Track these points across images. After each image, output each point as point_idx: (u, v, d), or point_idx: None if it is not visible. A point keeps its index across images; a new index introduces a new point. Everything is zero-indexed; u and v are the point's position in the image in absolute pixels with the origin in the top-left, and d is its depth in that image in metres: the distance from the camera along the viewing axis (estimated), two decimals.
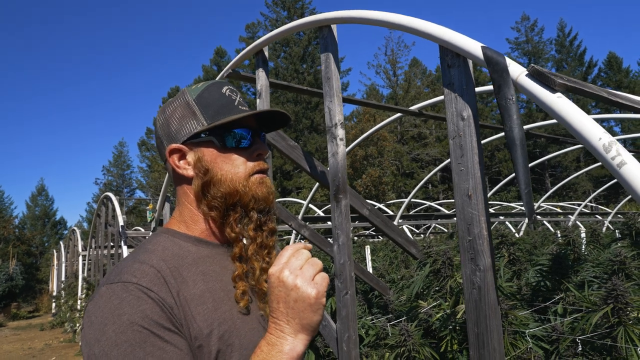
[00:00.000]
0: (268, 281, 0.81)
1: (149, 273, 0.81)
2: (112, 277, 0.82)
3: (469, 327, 1.53)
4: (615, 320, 1.52)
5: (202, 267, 0.89)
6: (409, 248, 3.32)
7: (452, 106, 1.62)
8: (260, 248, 0.92)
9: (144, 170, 44.16)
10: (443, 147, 37.47)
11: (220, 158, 0.91)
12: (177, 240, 0.91)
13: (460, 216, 1.57)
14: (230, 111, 0.92)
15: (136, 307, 0.76)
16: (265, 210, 0.93)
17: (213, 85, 0.95)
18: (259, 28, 41.46)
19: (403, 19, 1.80)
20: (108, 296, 0.78)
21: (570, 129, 1.21)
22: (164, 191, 4.83)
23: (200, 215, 0.93)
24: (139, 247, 0.92)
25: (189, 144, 0.92)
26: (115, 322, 0.74)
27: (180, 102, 0.94)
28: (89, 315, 0.78)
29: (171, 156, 0.93)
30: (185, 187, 0.94)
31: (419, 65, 42.89)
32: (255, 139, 0.95)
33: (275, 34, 2.78)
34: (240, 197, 0.90)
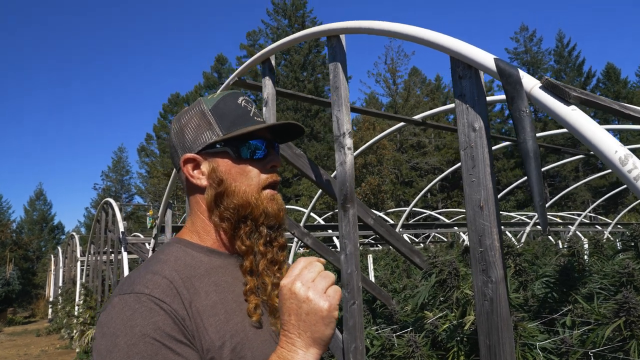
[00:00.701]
0: (279, 293, 0.81)
1: (162, 284, 0.81)
2: (124, 287, 0.81)
3: (481, 339, 1.52)
4: (628, 334, 1.52)
5: (215, 277, 0.88)
6: (413, 258, 3.31)
7: (463, 117, 1.63)
8: (270, 264, 0.91)
9: (143, 176, 44.15)
10: (442, 156, 37.54)
11: (235, 169, 0.91)
12: (190, 250, 0.91)
13: (471, 227, 1.57)
14: (246, 122, 0.92)
15: (148, 318, 0.75)
16: (275, 226, 0.93)
17: (229, 95, 0.95)
18: (259, 36, 41.67)
19: (414, 30, 1.81)
20: (120, 307, 0.77)
21: (586, 142, 1.21)
22: (166, 198, 4.82)
23: (211, 226, 0.93)
24: (152, 257, 0.92)
25: (203, 154, 0.92)
26: (128, 334, 0.74)
27: (196, 111, 0.94)
28: (102, 326, 0.77)
29: (185, 165, 0.93)
30: (198, 196, 0.94)
31: (419, 75, 43.10)
32: (269, 150, 0.95)
33: (283, 42, 2.79)
34: (251, 209, 0.90)
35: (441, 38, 1.69)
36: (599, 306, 1.95)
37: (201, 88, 44.55)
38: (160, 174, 38.41)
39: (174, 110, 45.02)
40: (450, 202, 37.15)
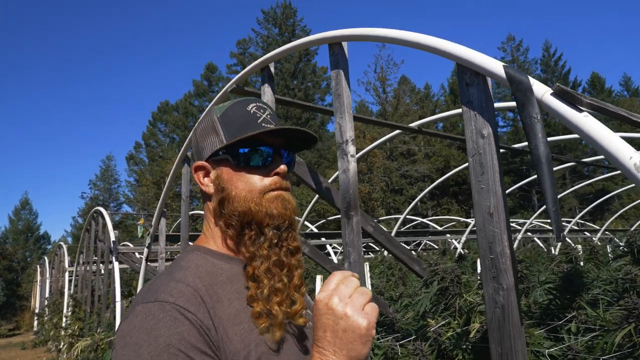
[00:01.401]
0: (314, 307, 0.78)
1: (186, 292, 0.79)
2: (148, 295, 0.79)
3: (492, 347, 1.51)
4: (638, 340, 1.52)
5: (236, 285, 0.87)
6: (413, 266, 3.30)
7: (471, 124, 1.63)
8: (275, 266, 0.88)
9: (131, 185, 43.70)
10: (432, 164, 37.80)
11: (236, 176, 0.91)
12: (209, 257, 0.89)
13: (481, 234, 1.56)
14: (252, 129, 0.91)
15: (173, 328, 0.73)
16: (283, 226, 0.90)
17: (239, 102, 0.95)
18: (250, 44, 41.77)
19: (419, 37, 1.82)
20: (144, 316, 0.75)
21: (600, 149, 1.22)
22: (160, 206, 4.76)
23: (220, 232, 0.93)
24: (172, 264, 0.90)
25: (211, 161, 0.94)
26: (151, 344, 0.72)
27: (207, 120, 0.96)
28: (123, 336, 0.75)
29: (196, 173, 0.95)
30: (210, 203, 0.95)
31: (408, 83, 43.48)
32: (275, 157, 0.93)
33: (284, 50, 2.79)
34: (253, 215, 0.88)
35: (448, 45, 1.70)
36: (604, 312, 1.95)
37: (191, 96, 44.43)
38: (149, 183, 38.07)
39: (163, 118, 44.78)
40: (440, 209, 37.35)
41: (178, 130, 44.24)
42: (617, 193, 11.85)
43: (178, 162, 4.31)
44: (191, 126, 44.51)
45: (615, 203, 29.53)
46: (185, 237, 4.18)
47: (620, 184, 29.48)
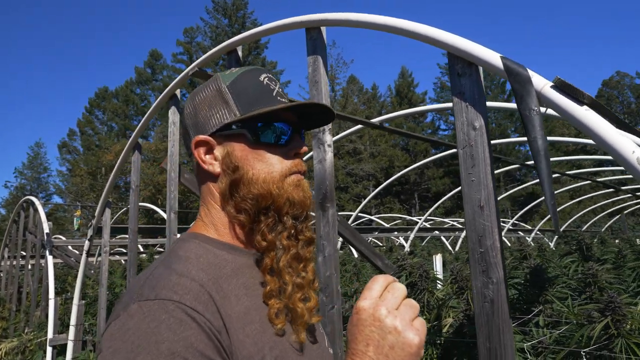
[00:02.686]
0: (355, 317, 0.68)
1: (192, 289, 0.66)
2: (145, 291, 0.66)
3: (480, 341, 1.48)
4: (614, 332, 1.56)
5: (242, 279, 0.75)
6: (376, 261, 3.28)
7: (462, 115, 1.60)
8: (294, 260, 0.78)
9: (63, 175, 40.96)
10: (376, 163, 38.66)
11: (252, 154, 0.79)
12: (209, 247, 0.77)
13: (470, 228, 1.54)
14: (268, 102, 0.81)
15: (179, 333, 0.61)
16: (301, 216, 0.81)
17: (250, 71, 0.83)
18: (197, 33, 40.53)
19: (410, 25, 1.76)
20: (141, 317, 0.62)
21: (602, 143, 1.22)
22: (105, 196, 4.43)
23: (227, 217, 0.80)
24: (168, 254, 0.76)
25: (217, 136, 0.80)
26: (152, 352, 0.59)
27: (212, 88, 0.82)
28: (113, 339, 0.61)
29: (197, 149, 0.81)
30: (211, 184, 0.82)
31: (356, 83, 44.17)
32: (294, 135, 0.83)
33: (255, 33, 2.64)
34: (273, 200, 0.78)
35: (441, 34, 1.65)
36: (572, 306, 2.02)
37: (132, 83, 42.37)
38: (84, 173, 35.87)
39: (101, 105, 42.34)
40: (383, 208, 38.31)
41: (117, 119, 42.02)
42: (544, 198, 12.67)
43: (127, 149, 4.02)
44: (132, 114, 42.48)
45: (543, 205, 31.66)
46: (134, 230, 3.90)
47: None
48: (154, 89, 42.01)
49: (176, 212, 3.33)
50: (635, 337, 1.56)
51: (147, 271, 0.72)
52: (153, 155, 32.94)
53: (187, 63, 40.25)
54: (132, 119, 42.31)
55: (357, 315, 0.68)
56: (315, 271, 0.84)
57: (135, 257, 3.91)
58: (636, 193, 11.61)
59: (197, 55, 40.07)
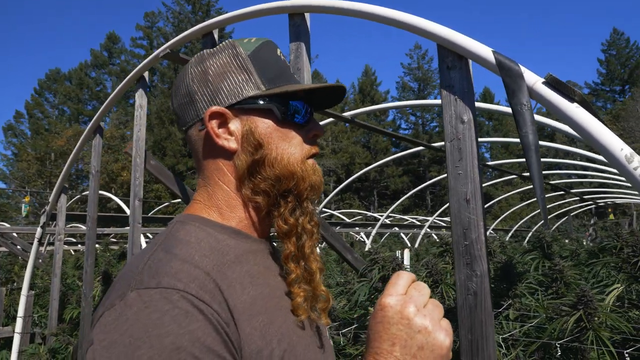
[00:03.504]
0: (379, 314, 0.63)
1: (197, 276, 0.60)
2: (144, 278, 0.59)
3: (462, 334, 1.50)
4: (585, 325, 1.62)
5: (247, 266, 0.69)
6: (346, 255, 3.27)
7: (450, 108, 1.60)
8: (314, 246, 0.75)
9: (8, 159, 38.58)
10: (338, 159, 38.93)
11: (277, 133, 0.74)
12: (211, 230, 0.70)
13: (456, 220, 1.54)
14: (290, 78, 0.77)
15: (184, 326, 0.55)
16: (315, 201, 0.78)
17: (267, 44, 0.77)
18: (159, 18, 39.24)
19: (400, 15, 1.75)
20: (141, 306, 0.55)
21: (591, 140, 1.25)
22: (61, 181, 4.19)
23: (239, 200, 0.74)
24: (166, 237, 0.68)
25: (236, 109, 0.73)
26: (154, 346, 0.53)
27: (229, 54, 0.74)
28: (107, 332, 0.55)
29: (210, 121, 0.72)
30: (222, 162, 0.74)
31: (320, 79, 44.22)
32: (311, 116, 0.79)
33: (233, 16, 2.55)
34: (296, 182, 0.73)
35: (432, 26, 1.65)
36: (542, 300, 2.08)
37: (87, 66, 40.46)
38: (31, 158, 33.95)
39: (52, 88, 40.15)
40: (343, 204, 38.66)
41: (70, 102, 40.02)
42: (498, 199, 13.27)
43: (89, 132, 3.81)
44: (86, 99, 40.57)
45: (496, 207, 32.97)
46: (94, 217, 3.71)
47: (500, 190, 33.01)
48: (110, 73, 40.29)
49: (141, 199, 3.18)
50: (604, 329, 1.63)
51: (144, 255, 0.65)
52: (108, 142, 31.64)
53: (146, 48, 38.88)
54: (86, 104, 40.44)
55: (382, 312, 0.63)
56: None
57: (94, 246, 3.72)
58: (582, 196, 12.29)
59: (158, 41, 38.78)
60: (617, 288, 1.92)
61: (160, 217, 11.00)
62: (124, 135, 33.89)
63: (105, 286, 4.98)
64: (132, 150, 3.20)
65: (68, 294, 5.03)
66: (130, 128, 32.48)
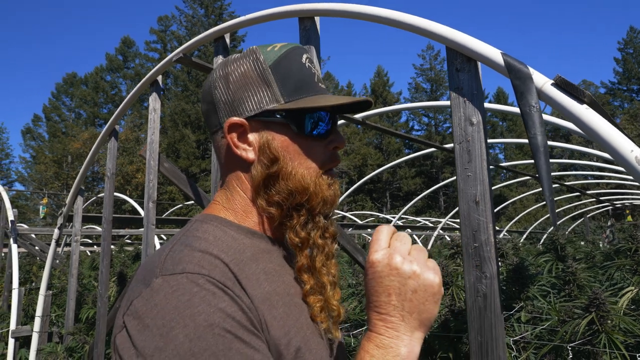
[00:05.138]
0: (370, 271, 0.68)
1: (218, 265, 0.64)
2: (168, 266, 0.62)
3: (472, 335, 1.50)
4: (597, 328, 1.61)
5: (263, 264, 0.72)
6: (357, 256, 3.28)
7: (459, 111, 1.60)
8: (327, 259, 0.76)
9: (27, 162, 39.34)
10: (350, 161, 38.86)
11: (293, 147, 0.74)
12: (228, 230, 0.73)
13: (465, 222, 1.54)
14: (312, 89, 0.75)
15: (213, 304, 0.58)
16: (329, 215, 0.79)
17: (293, 50, 0.76)
18: (172, 22, 39.66)
19: (410, 18, 1.75)
20: (169, 290, 0.59)
21: (601, 142, 1.24)
22: (77, 183, 4.27)
23: (254, 208, 0.76)
24: (184, 234, 0.72)
25: (255, 120, 0.74)
26: (188, 325, 0.56)
27: (251, 65, 0.75)
28: (139, 317, 0.58)
29: (230, 133, 0.74)
30: (240, 170, 0.77)
31: (332, 80, 44.23)
32: (332, 126, 0.78)
33: (244, 20, 2.59)
34: (309, 197, 0.74)
35: (440, 28, 1.65)
36: (554, 303, 2.07)
37: (103, 70, 41.07)
38: (49, 160, 34.58)
39: (69, 92, 40.87)
40: (355, 205, 38.58)
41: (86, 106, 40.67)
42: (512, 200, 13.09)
43: (104, 135, 3.88)
44: (101, 102, 41.18)
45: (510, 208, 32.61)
46: (109, 219, 3.77)
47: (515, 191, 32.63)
48: (125, 76, 40.85)
49: (154, 201, 3.23)
50: (617, 332, 1.61)
51: (164, 249, 0.68)
52: (122, 145, 32.07)
53: (160, 52, 39.33)
54: (102, 107, 41.07)
55: (372, 269, 0.67)
56: (337, 265, 0.82)
57: (109, 246, 3.78)
58: (599, 198, 12.09)
59: (172, 44, 39.20)
60: (630, 291, 1.90)
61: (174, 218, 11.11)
62: (139, 138, 34.32)
63: (121, 287, 5.06)
64: (146, 153, 3.25)
65: (84, 294, 5.12)
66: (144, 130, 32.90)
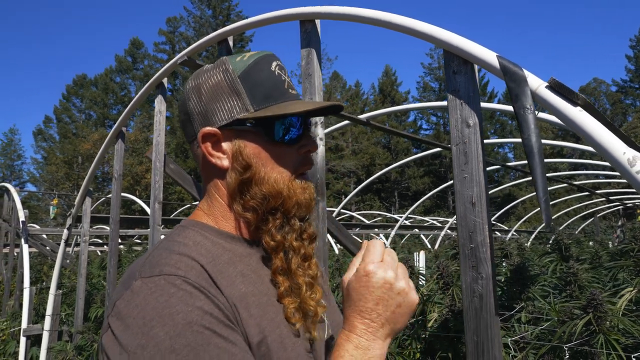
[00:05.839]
0: (365, 278, 0.72)
1: (194, 267, 0.67)
2: (146, 270, 0.66)
3: (468, 335, 1.51)
4: (595, 328, 1.61)
5: (240, 267, 0.75)
6: None
7: (456, 113, 1.62)
8: (303, 260, 0.79)
9: (38, 162, 39.86)
10: (358, 160, 38.83)
11: (265, 153, 0.77)
12: (208, 235, 0.77)
13: (461, 223, 1.56)
14: (282, 96, 0.78)
15: (190, 304, 0.62)
16: (305, 217, 0.81)
17: (262, 59, 0.79)
18: (181, 23, 39.88)
19: (407, 21, 1.77)
20: (148, 292, 0.62)
21: (594, 144, 1.25)
22: (86, 184, 4.34)
23: (232, 214, 0.79)
24: (166, 239, 0.76)
25: (227, 129, 0.77)
26: (167, 323, 0.59)
27: (221, 76, 0.78)
28: (122, 317, 0.61)
29: (205, 143, 0.77)
30: (216, 178, 0.80)
31: (340, 79, 44.17)
32: (304, 131, 0.81)
33: (247, 23, 2.62)
34: (283, 201, 0.76)
35: (437, 31, 1.67)
36: (554, 303, 2.07)
37: (112, 72, 41.43)
38: (60, 161, 34.99)
39: (79, 93, 41.30)
40: (364, 205, 38.53)
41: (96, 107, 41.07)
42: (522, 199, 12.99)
43: (111, 137, 3.94)
44: (111, 103, 41.57)
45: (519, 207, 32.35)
46: (116, 219, 3.83)
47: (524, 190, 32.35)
48: (134, 77, 41.20)
49: (160, 202, 3.28)
50: (615, 333, 1.61)
51: (145, 255, 0.72)
52: (132, 145, 32.35)
53: (169, 53, 39.59)
54: (112, 108, 41.47)
55: (366, 277, 0.72)
56: (318, 264, 0.84)
57: (117, 247, 3.84)
58: (609, 197, 11.96)
59: (180, 46, 39.44)
60: (629, 292, 1.90)
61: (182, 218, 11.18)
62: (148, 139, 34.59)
63: None
64: (152, 155, 3.30)
65: (93, 293, 5.19)
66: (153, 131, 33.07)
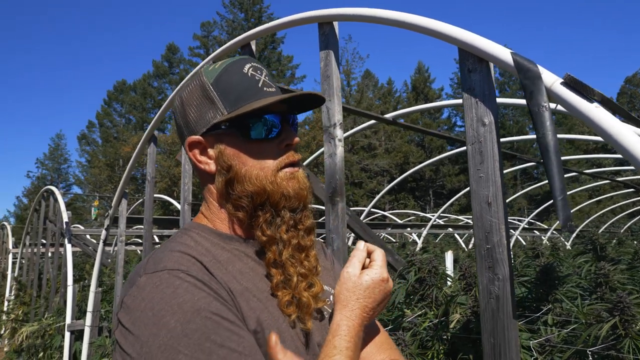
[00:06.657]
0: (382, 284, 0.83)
1: (195, 263, 0.72)
2: (150, 266, 0.71)
3: (484, 337, 1.49)
4: (622, 332, 1.55)
5: (239, 265, 0.79)
6: (387, 257, 3.29)
7: (471, 111, 1.60)
8: (296, 251, 0.82)
9: (82, 166, 41.76)
10: (391, 159, 38.43)
11: (243, 152, 0.81)
12: (208, 236, 0.81)
13: (477, 224, 1.54)
14: (254, 95, 0.81)
15: (196, 294, 0.66)
16: (298, 208, 0.83)
17: (233, 64, 0.82)
18: (214, 27, 40.71)
19: (421, 20, 1.76)
20: (154, 285, 0.67)
21: (611, 141, 1.21)
22: (121, 187, 4.52)
23: (226, 215, 0.84)
24: (169, 240, 0.81)
25: (208, 136, 0.82)
26: (176, 312, 0.63)
27: (196, 86, 0.83)
28: (130, 311, 0.65)
29: (192, 150, 0.83)
30: (208, 182, 0.85)
31: (372, 78, 43.89)
32: (284, 126, 0.84)
33: (269, 27, 2.66)
34: (268, 195, 0.80)
35: (452, 30, 1.65)
36: (581, 305, 2.00)
37: (150, 77, 42.81)
38: (102, 164, 36.52)
39: (119, 98, 42.94)
40: (397, 204, 38.12)
41: (135, 112, 42.57)
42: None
43: (144, 141, 4.09)
44: (149, 107, 42.98)
45: None
46: (149, 220, 3.98)
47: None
48: (170, 82, 42.41)
49: (190, 203, 3.38)
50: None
51: (148, 255, 0.78)
52: (169, 147, 33.32)
53: (203, 57, 40.50)
54: (150, 112, 42.85)
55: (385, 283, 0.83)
56: (317, 257, 0.86)
57: (151, 247, 3.99)
58: None
59: (214, 49, 40.24)
60: None
61: None
62: None
63: None
64: (182, 158, 3.40)
65: None
66: None
